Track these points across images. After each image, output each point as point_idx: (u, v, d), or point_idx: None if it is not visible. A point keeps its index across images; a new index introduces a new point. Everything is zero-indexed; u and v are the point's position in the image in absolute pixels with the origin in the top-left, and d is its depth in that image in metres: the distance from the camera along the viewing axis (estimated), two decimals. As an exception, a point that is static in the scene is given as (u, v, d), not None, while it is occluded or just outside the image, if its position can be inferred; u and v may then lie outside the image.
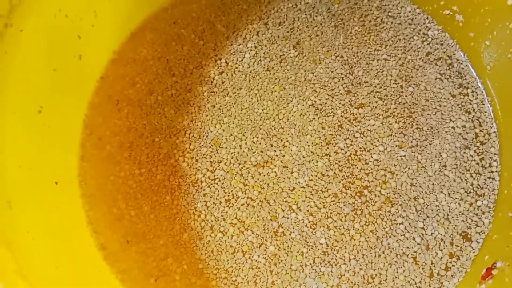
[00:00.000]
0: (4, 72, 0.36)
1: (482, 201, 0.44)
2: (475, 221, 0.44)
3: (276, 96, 0.48)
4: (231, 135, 0.47)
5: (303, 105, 0.48)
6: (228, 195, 0.45)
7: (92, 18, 0.44)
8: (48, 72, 0.41)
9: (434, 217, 0.44)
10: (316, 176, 0.45)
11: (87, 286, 0.39)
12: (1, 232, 0.33)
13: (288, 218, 0.44)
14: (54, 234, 0.39)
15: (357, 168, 0.46)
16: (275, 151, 0.46)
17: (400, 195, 0.45)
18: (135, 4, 0.49)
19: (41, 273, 0.35)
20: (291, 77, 0.49)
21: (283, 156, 0.46)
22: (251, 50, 0.50)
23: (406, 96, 0.48)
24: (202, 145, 0.47)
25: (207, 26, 0.51)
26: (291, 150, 0.46)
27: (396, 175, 0.45)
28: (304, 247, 0.43)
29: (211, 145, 0.47)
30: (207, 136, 0.47)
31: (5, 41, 0.35)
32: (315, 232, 0.44)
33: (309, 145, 0.46)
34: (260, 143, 0.47)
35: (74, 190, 0.44)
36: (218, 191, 0.45)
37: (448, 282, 0.42)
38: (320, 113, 0.48)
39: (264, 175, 0.45)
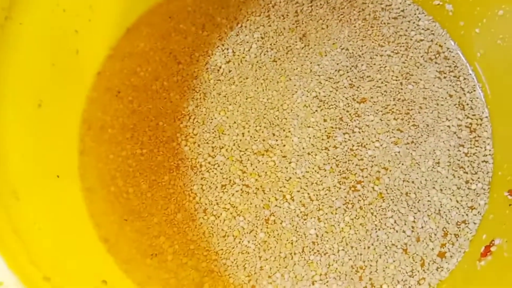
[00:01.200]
0: (5, 65, 0.36)
1: (476, 184, 0.45)
2: (469, 207, 0.45)
3: (282, 87, 0.49)
4: (235, 122, 0.48)
5: (307, 96, 0.49)
6: (225, 181, 0.46)
7: (89, 13, 0.45)
8: (46, 66, 0.42)
9: (425, 211, 0.44)
10: (313, 169, 0.46)
11: (93, 275, 0.40)
12: (10, 221, 0.33)
13: (280, 207, 0.45)
14: (59, 226, 0.40)
15: (353, 163, 0.46)
16: (277, 140, 0.47)
17: (393, 190, 0.45)
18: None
19: (49, 261, 0.35)
20: (297, 68, 0.50)
21: (284, 146, 0.47)
22: (257, 41, 0.51)
23: (405, 93, 0.49)
24: (205, 131, 0.48)
25: (207, 19, 0.52)
26: (293, 140, 0.47)
27: (390, 170, 0.46)
28: (294, 236, 0.44)
29: (214, 131, 0.48)
30: (211, 122, 0.48)
31: (5, 34, 0.36)
32: (305, 222, 0.44)
33: (310, 138, 0.47)
34: (262, 132, 0.47)
35: (75, 183, 0.45)
36: (216, 175, 0.46)
37: (447, 263, 0.43)
38: (323, 105, 0.48)
39: (262, 163, 0.46)
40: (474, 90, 0.49)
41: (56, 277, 0.33)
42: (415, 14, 0.52)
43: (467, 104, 0.48)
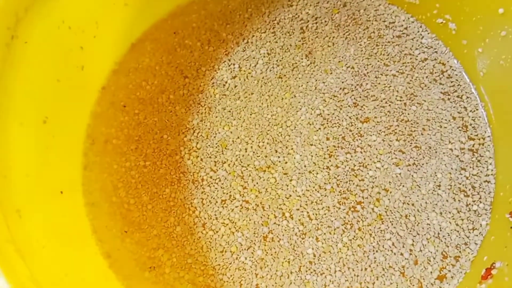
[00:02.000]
0: (11, 82, 0.37)
1: (478, 204, 0.45)
2: (470, 229, 0.44)
3: (286, 103, 0.49)
4: (238, 137, 0.48)
5: (311, 114, 0.49)
6: (226, 196, 0.46)
7: (94, 29, 0.46)
8: (52, 82, 0.42)
9: (425, 235, 0.44)
10: (314, 187, 0.46)
11: None
12: (12, 240, 0.33)
13: (279, 225, 0.45)
14: (62, 242, 0.40)
15: (353, 183, 0.46)
16: (279, 157, 0.47)
17: (392, 212, 0.45)
18: (136, 15, 0.50)
19: (52, 280, 0.35)
20: (302, 85, 0.50)
21: (286, 163, 0.47)
22: (264, 57, 0.51)
23: (408, 114, 0.48)
24: (209, 145, 0.48)
25: (212, 35, 0.52)
26: (295, 158, 0.47)
27: (390, 192, 0.45)
28: (291, 254, 0.44)
29: (218, 145, 0.48)
30: (214, 137, 0.48)
31: (12, 53, 0.37)
32: (303, 242, 0.44)
33: (312, 156, 0.47)
34: (265, 148, 0.48)
35: (78, 199, 0.45)
36: (217, 190, 0.46)
37: (448, 284, 0.43)
38: (327, 123, 0.48)
39: (263, 180, 0.47)
40: (477, 109, 0.49)
41: None
42: (418, 31, 0.52)
43: (470, 124, 0.48)
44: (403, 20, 0.52)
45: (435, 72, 0.50)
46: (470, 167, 0.46)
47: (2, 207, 0.34)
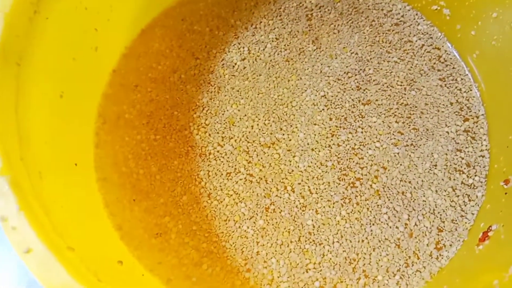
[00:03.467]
0: (32, 55, 0.39)
1: (473, 178, 0.47)
2: (466, 202, 0.47)
3: (292, 85, 0.52)
4: (245, 115, 0.51)
5: (315, 95, 0.51)
6: (231, 169, 0.48)
7: (108, 12, 0.48)
8: (68, 60, 0.44)
9: (420, 210, 0.46)
10: (315, 164, 0.48)
11: (110, 255, 0.43)
12: (37, 196, 0.35)
13: (281, 197, 0.47)
14: (78, 209, 0.42)
15: (353, 161, 0.48)
16: (283, 134, 0.49)
17: (389, 189, 0.47)
18: (146, 2, 0.53)
19: (73, 235, 0.37)
20: (308, 69, 0.52)
21: (290, 140, 0.49)
22: (272, 41, 0.54)
23: (408, 98, 0.51)
24: (217, 122, 0.50)
25: (220, 21, 0.55)
26: (298, 136, 0.49)
27: (388, 170, 0.48)
28: (292, 225, 0.46)
29: (225, 122, 0.50)
30: (223, 114, 0.51)
31: (34, 27, 0.39)
32: (303, 213, 0.46)
33: (315, 134, 0.49)
34: (270, 126, 0.50)
35: (91, 173, 0.47)
36: (223, 163, 0.48)
37: (447, 251, 0.45)
38: (330, 104, 0.51)
39: (268, 155, 0.49)
40: (471, 90, 0.51)
41: (79, 248, 0.35)
42: (414, 19, 0.55)
43: (465, 104, 0.51)
44: (400, 9, 0.55)
45: (433, 59, 0.53)
46: (465, 148, 0.49)
47: (26, 166, 0.36)
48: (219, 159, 0.49)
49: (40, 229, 0.32)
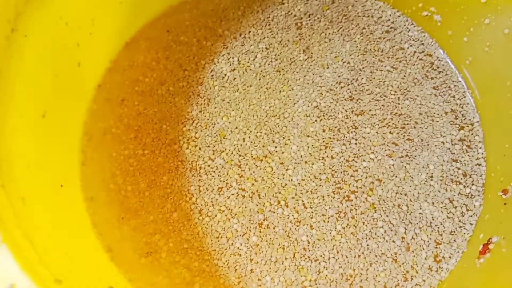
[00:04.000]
0: (12, 74, 0.37)
1: (470, 187, 0.47)
2: (464, 212, 0.46)
3: (284, 96, 0.51)
4: (236, 127, 0.49)
5: (308, 106, 0.50)
6: (222, 183, 0.47)
7: (90, 26, 0.47)
8: (50, 77, 0.43)
9: (417, 224, 0.45)
10: (309, 177, 0.47)
11: (100, 281, 0.41)
12: (20, 225, 0.34)
13: (274, 212, 0.46)
14: (64, 233, 0.41)
15: (348, 174, 0.47)
16: (276, 147, 0.48)
17: (385, 202, 0.46)
18: (130, 14, 0.52)
19: (60, 265, 0.36)
20: (299, 79, 0.51)
21: (282, 153, 0.48)
22: (262, 51, 0.52)
23: (402, 108, 0.50)
24: (207, 135, 0.49)
25: (207, 31, 0.54)
26: (291, 148, 0.48)
27: (383, 182, 0.47)
28: (286, 241, 0.45)
29: (216, 135, 0.49)
30: (213, 127, 0.49)
31: (12, 45, 0.37)
32: (298, 229, 0.45)
33: (308, 147, 0.48)
34: (262, 138, 0.49)
35: (77, 193, 0.46)
36: (214, 178, 0.47)
37: (447, 263, 0.44)
38: (323, 115, 0.50)
39: (260, 169, 0.48)
40: (464, 97, 0.50)
41: (67, 279, 0.33)
42: (405, 25, 0.54)
43: (459, 112, 0.50)
44: (390, 15, 0.55)
45: (426, 66, 0.52)
46: (461, 157, 0.48)
47: (7, 193, 0.34)
48: (210, 174, 0.47)
49: (24, 262, 0.31)
